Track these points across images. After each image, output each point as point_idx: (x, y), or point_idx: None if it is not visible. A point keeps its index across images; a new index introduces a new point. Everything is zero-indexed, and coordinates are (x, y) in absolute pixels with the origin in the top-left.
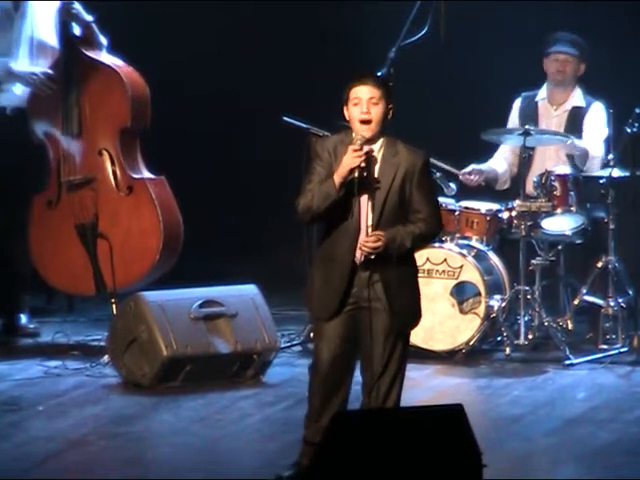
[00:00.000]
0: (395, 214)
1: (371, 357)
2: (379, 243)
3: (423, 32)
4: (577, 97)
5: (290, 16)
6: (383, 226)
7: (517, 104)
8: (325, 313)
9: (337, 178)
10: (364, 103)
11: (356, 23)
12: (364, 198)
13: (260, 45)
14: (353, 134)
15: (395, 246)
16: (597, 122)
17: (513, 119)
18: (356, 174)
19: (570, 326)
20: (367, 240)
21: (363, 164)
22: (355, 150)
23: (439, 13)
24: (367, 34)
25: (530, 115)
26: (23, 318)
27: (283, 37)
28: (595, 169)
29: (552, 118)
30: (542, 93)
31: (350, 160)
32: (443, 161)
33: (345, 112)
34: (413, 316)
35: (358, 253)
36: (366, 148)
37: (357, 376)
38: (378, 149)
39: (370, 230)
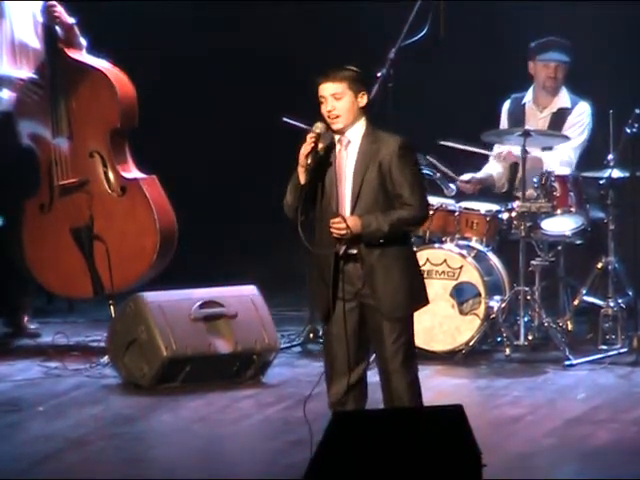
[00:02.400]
0: (375, 201)
1: (380, 354)
2: (343, 224)
3: (423, 32)
4: (563, 98)
5: (289, 16)
6: (363, 213)
7: (506, 106)
8: (323, 310)
9: (299, 168)
10: (329, 101)
11: (356, 23)
12: (342, 187)
13: (258, 44)
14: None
15: (370, 231)
16: (576, 125)
17: (503, 122)
18: (309, 160)
19: (570, 327)
20: (333, 222)
21: (322, 152)
22: (311, 137)
23: (438, 13)
24: (367, 34)
25: (517, 118)
26: (24, 319)
27: (282, 36)
28: None
29: (538, 120)
30: (528, 95)
31: (303, 147)
32: (443, 163)
33: None
34: (409, 303)
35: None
36: (318, 131)
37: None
38: (357, 137)
39: None
